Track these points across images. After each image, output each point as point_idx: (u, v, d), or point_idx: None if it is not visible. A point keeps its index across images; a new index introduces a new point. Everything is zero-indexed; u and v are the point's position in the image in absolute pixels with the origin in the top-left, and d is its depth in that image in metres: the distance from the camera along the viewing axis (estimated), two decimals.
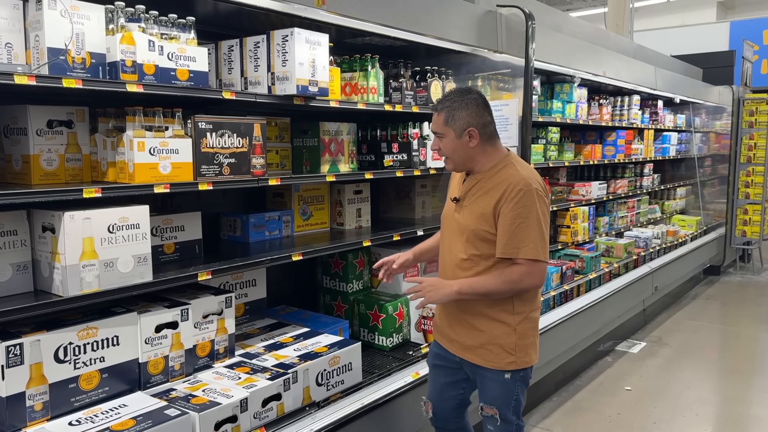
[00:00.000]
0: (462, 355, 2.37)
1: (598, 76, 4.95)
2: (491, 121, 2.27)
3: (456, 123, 2.21)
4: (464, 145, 2.22)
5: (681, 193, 7.98)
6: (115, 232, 2.10)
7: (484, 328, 2.27)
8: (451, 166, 2.32)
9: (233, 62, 2.76)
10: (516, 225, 2.12)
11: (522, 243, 2.13)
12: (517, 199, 2.13)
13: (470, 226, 2.24)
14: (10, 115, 2.20)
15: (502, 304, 2.25)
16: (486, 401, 2.36)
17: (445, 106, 2.23)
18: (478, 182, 2.27)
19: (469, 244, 2.26)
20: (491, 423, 2.36)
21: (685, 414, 4.04)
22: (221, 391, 2.28)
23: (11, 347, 1.91)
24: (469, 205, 2.28)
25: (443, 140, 2.25)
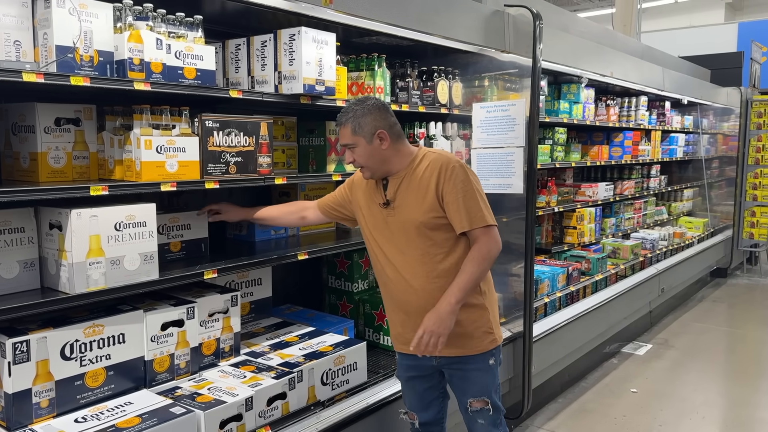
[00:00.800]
0: (440, 353, 2.28)
1: (606, 77, 4.93)
2: (396, 122, 2.31)
3: (364, 129, 2.23)
4: (377, 149, 2.25)
5: (688, 195, 7.94)
6: (122, 230, 2.11)
7: (459, 318, 2.24)
8: (369, 174, 2.31)
9: (240, 61, 2.76)
10: (462, 198, 2.19)
11: (474, 213, 2.20)
12: (454, 176, 2.20)
13: (417, 218, 2.23)
14: (18, 113, 2.21)
15: None
16: (474, 394, 2.34)
17: (349, 117, 2.25)
18: (403, 179, 2.28)
19: (422, 238, 2.25)
20: (482, 416, 2.36)
21: (692, 417, 4.02)
22: (226, 389, 2.28)
23: (18, 344, 1.92)
24: (405, 201, 2.26)
25: (356, 150, 2.26)
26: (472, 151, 3.42)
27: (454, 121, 3.63)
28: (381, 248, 2.35)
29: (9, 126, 2.26)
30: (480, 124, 3.37)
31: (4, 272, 2.02)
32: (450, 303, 2.18)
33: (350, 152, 2.29)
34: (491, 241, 2.23)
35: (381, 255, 2.36)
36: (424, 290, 2.26)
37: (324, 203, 2.64)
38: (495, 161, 3.33)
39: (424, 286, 2.26)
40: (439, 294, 2.24)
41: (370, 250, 2.42)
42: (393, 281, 2.34)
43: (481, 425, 2.38)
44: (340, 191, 2.57)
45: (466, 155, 3.61)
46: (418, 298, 2.27)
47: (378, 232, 2.36)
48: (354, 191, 2.48)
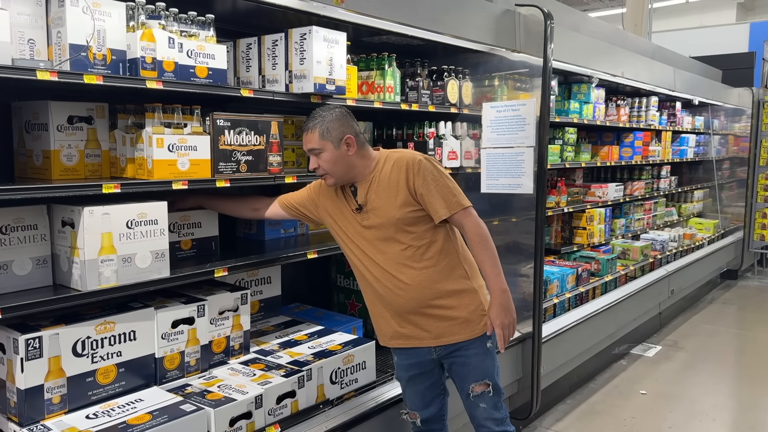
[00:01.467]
0: (438, 343, 2.35)
1: (616, 77, 4.91)
2: (360, 131, 2.36)
3: (332, 134, 2.26)
4: (343, 155, 2.28)
5: (698, 196, 7.89)
6: (134, 228, 2.12)
7: (453, 305, 2.31)
8: (332, 181, 2.33)
9: (251, 60, 2.77)
10: (434, 188, 2.24)
11: (449, 199, 2.25)
12: (422, 169, 2.24)
13: (395, 215, 2.26)
14: (32, 111, 2.22)
15: (456, 273, 2.33)
16: (476, 378, 2.36)
17: (317, 123, 2.27)
18: (371, 182, 2.32)
19: (402, 233, 2.28)
20: (483, 399, 2.38)
21: (701, 419, 3.99)
22: (236, 387, 2.29)
23: (30, 340, 1.93)
24: (379, 202, 2.30)
25: (322, 155, 2.27)
26: (482, 151, 3.41)
27: (464, 121, 3.62)
28: (362, 251, 2.37)
29: (22, 124, 2.27)
30: (490, 123, 3.36)
31: (17, 269, 2.04)
32: (502, 290, 2.26)
33: (315, 158, 2.30)
34: (476, 221, 2.29)
35: (363, 257, 2.37)
36: (414, 282, 2.29)
37: (287, 200, 2.62)
38: (505, 161, 3.32)
39: (413, 278, 2.29)
40: (430, 282, 2.29)
41: (350, 255, 2.43)
42: (380, 280, 2.35)
43: (483, 409, 2.39)
44: (308, 192, 2.56)
45: (475, 155, 3.61)
46: (410, 290, 2.30)
47: (357, 236, 2.37)
48: (321, 197, 2.49)
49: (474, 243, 2.28)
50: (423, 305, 2.32)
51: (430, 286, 2.30)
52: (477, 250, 2.29)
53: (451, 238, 2.36)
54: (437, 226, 2.31)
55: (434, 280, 2.30)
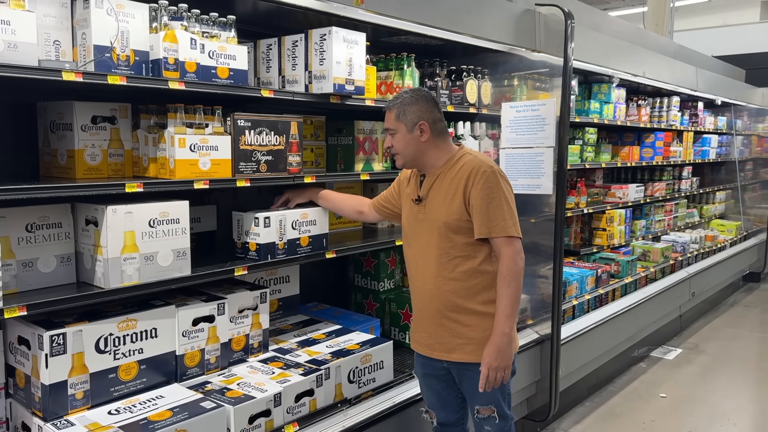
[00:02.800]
0: (449, 358, 2.29)
1: (638, 77, 4.86)
2: (441, 119, 2.32)
3: (407, 117, 2.25)
4: (415, 140, 2.26)
5: (720, 197, 7.78)
6: (156, 227, 2.14)
7: (471, 324, 2.25)
8: (402, 162, 2.33)
9: (271, 61, 2.78)
10: (486, 205, 2.17)
11: (494, 221, 2.18)
12: (483, 181, 2.18)
13: (442, 218, 2.24)
14: (57, 111, 2.26)
15: (484, 295, 2.25)
16: (481, 402, 2.31)
17: (396, 103, 2.28)
18: (437, 177, 2.29)
19: (443, 239, 2.24)
20: (488, 424, 2.34)
21: (722, 423, 3.94)
22: (255, 385, 2.30)
23: (55, 336, 1.96)
24: (435, 200, 2.28)
25: (396, 136, 2.28)
26: (501, 151, 3.40)
27: (483, 121, 3.61)
28: (410, 243, 2.38)
29: (47, 124, 2.31)
30: (509, 123, 3.35)
31: (42, 266, 2.07)
32: (504, 333, 2.17)
33: (390, 137, 2.31)
34: (515, 255, 2.19)
35: (408, 250, 2.39)
36: (437, 290, 2.27)
37: (376, 201, 2.66)
38: (524, 161, 3.30)
39: (438, 286, 2.27)
40: (453, 296, 2.25)
41: (403, 243, 2.46)
42: (413, 278, 2.37)
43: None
44: (391, 187, 2.60)
45: (494, 155, 3.59)
46: (431, 297, 2.29)
47: (409, 227, 2.39)
48: (402, 185, 2.51)
49: (502, 275, 2.20)
50: (441, 315, 2.28)
51: (452, 299, 2.25)
52: (501, 284, 2.20)
53: (492, 260, 2.26)
54: (480, 244, 2.23)
55: (459, 295, 2.24)
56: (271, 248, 2.54)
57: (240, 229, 2.59)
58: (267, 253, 2.53)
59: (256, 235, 2.52)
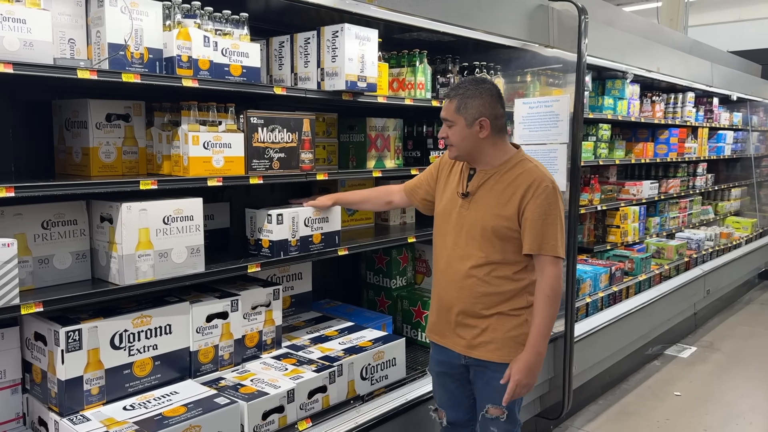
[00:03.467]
0: (469, 354, 2.25)
1: (652, 72, 4.81)
2: (503, 114, 2.22)
3: (468, 111, 2.15)
4: (473, 136, 2.16)
5: (736, 194, 7.69)
6: (170, 224, 2.16)
7: (496, 323, 2.20)
8: (455, 154, 2.24)
9: (284, 58, 2.79)
10: (542, 221, 2.11)
11: (546, 239, 2.11)
12: (544, 196, 2.11)
13: (490, 221, 2.16)
14: (72, 109, 2.28)
15: (514, 301, 2.20)
16: (493, 401, 2.25)
17: (458, 94, 2.17)
18: (491, 176, 2.20)
19: (487, 243, 2.17)
20: (494, 425, 2.27)
21: (738, 422, 3.90)
22: (269, 381, 2.31)
23: (71, 332, 1.98)
24: (484, 200, 2.19)
25: (453, 128, 2.19)
26: None
27: None
28: (443, 235, 2.30)
29: (62, 122, 2.33)
30: (522, 120, 3.33)
31: (57, 263, 2.09)
32: (539, 353, 2.14)
33: (446, 127, 2.21)
34: (558, 275, 2.14)
35: (441, 241, 2.32)
36: (468, 289, 2.22)
37: (409, 186, 2.58)
38: (537, 158, 3.26)
39: (469, 286, 2.21)
40: (481, 298, 2.20)
41: (434, 232, 2.38)
42: (442, 270, 2.30)
43: None
44: (426, 172, 2.52)
45: None
46: (459, 294, 2.24)
47: (446, 218, 2.30)
48: (441, 172, 2.41)
49: (542, 294, 2.13)
50: (466, 313, 2.24)
51: (482, 301, 2.21)
52: (541, 303, 2.13)
53: (527, 271, 2.20)
54: (522, 255, 2.18)
55: (489, 298, 2.20)
56: (284, 245, 2.54)
57: (253, 226, 2.60)
58: (280, 250, 2.53)
59: (269, 232, 2.53)
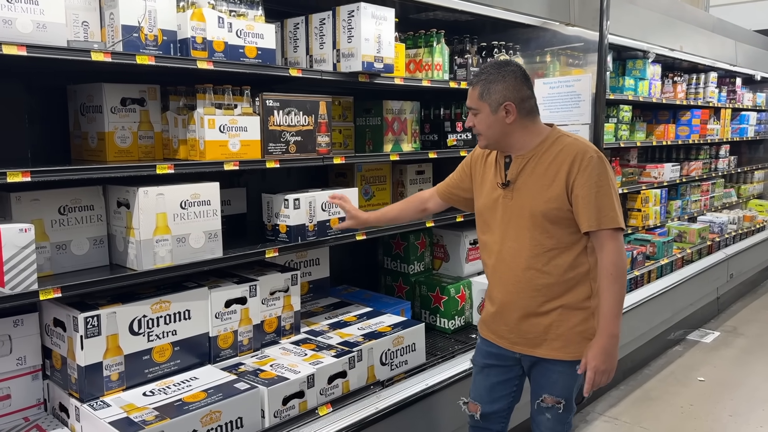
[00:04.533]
0: (530, 352, 2.14)
1: (675, 51, 4.69)
2: (531, 96, 2.09)
3: (491, 97, 2.03)
4: (500, 121, 2.05)
5: (759, 177, 7.53)
6: (187, 208, 2.13)
7: (560, 319, 2.07)
8: (484, 143, 2.12)
9: (299, 40, 2.74)
10: (595, 194, 1.96)
11: (604, 212, 1.96)
12: (591, 167, 1.97)
13: (538, 206, 2.02)
14: (87, 94, 2.25)
15: (578, 290, 2.06)
16: (551, 392, 2.15)
17: (481, 80, 2.05)
18: (529, 160, 2.07)
19: (537, 229, 2.04)
20: (551, 412, 2.18)
21: (764, 408, 3.83)
22: (288, 366, 2.29)
23: (89, 318, 1.97)
24: (528, 186, 2.06)
25: (478, 116, 2.08)
26: None
27: None
28: (490, 231, 2.18)
29: (77, 107, 2.31)
30: (542, 100, 3.26)
31: (75, 249, 2.08)
32: (612, 335, 2.00)
33: (472, 116, 2.11)
34: (620, 249, 1.99)
35: (488, 237, 2.19)
36: (527, 284, 2.08)
37: (442, 188, 2.45)
38: None
39: (529, 280, 2.08)
40: (546, 291, 2.06)
41: (479, 228, 2.25)
42: (495, 268, 2.17)
43: (547, 419, 2.20)
44: (458, 170, 2.39)
45: None
46: (518, 290, 2.10)
47: (489, 213, 2.17)
48: (474, 166, 2.30)
49: (605, 272, 1.98)
50: (528, 310, 2.11)
51: (544, 294, 2.07)
52: (605, 282, 1.99)
53: (588, 251, 2.06)
54: (578, 236, 2.04)
55: (552, 290, 2.06)
56: (301, 230, 2.51)
57: (270, 211, 2.57)
58: (297, 235, 2.50)
59: (286, 217, 2.50)
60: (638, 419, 3.68)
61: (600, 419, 3.69)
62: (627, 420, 3.67)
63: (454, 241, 3.43)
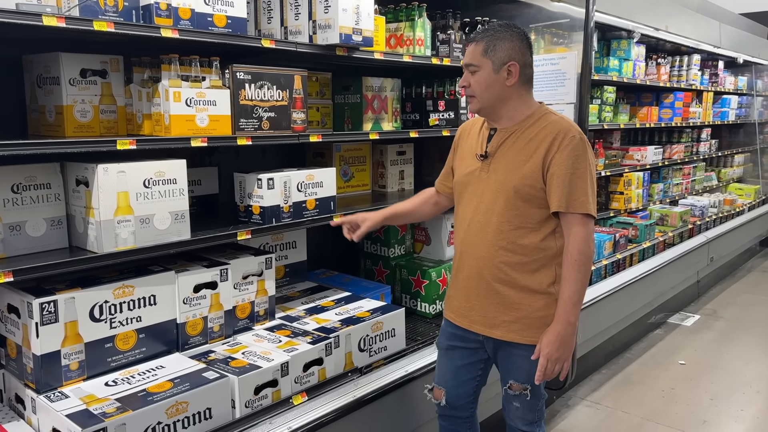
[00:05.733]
0: (490, 333, 2.07)
1: (660, 31, 4.61)
2: (532, 63, 2.01)
3: (497, 54, 1.93)
4: (500, 82, 1.95)
5: (739, 161, 7.56)
6: (151, 187, 2.00)
7: (521, 301, 2.01)
8: (477, 106, 2.02)
9: (273, 11, 2.60)
10: (570, 175, 1.90)
11: (575, 195, 1.91)
12: (570, 148, 1.91)
13: (511, 181, 1.96)
14: (43, 64, 2.10)
15: (543, 274, 2.00)
16: (516, 378, 2.09)
17: (487, 35, 1.95)
18: (511, 134, 2.00)
19: (508, 205, 1.97)
20: (518, 400, 2.12)
21: (745, 391, 3.82)
22: (261, 354, 2.19)
23: (45, 304, 1.84)
24: (505, 159, 1.99)
25: (477, 74, 1.96)
26: None
27: None
28: (464, 203, 2.11)
29: (34, 78, 2.15)
30: None
31: (30, 230, 1.94)
32: (570, 323, 1.94)
33: (468, 74, 1.99)
34: (588, 236, 1.93)
35: (461, 210, 2.12)
36: (491, 260, 2.02)
37: (440, 184, 2.36)
38: None
39: (492, 256, 2.01)
40: (506, 269, 1.99)
41: (455, 202, 2.18)
42: (462, 241, 2.10)
43: (516, 408, 2.13)
44: (448, 158, 2.30)
45: None
46: (481, 266, 2.04)
47: (465, 185, 2.10)
48: (460, 141, 2.21)
49: (570, 258, 1.93)
50: (489, 287, 2.04)
51: (507, 273, 2.01)
52: (568, 267, 1.93)
53: (555, 236, 2.00)
54: (549, 217, 1.98)
55: (515, 269, 2.00)
56: (276, 211, 2.40)
57: (242, 192, 2.45)
58: (271, 217, 2.38)
59: (260, 197, 2.37)
60: (620, 403, 3.65)
61: (582, 404, 3.65)
62: (609, 404, 3.64)
63: (436, 224, 3.33)
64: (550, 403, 3.64)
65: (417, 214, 2.44)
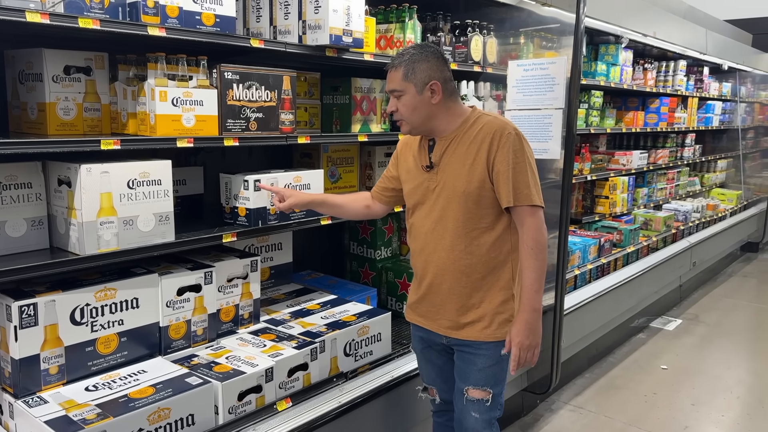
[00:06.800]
0: (457, 335, 2.10)
1: (648, 37, 4.64)
2: (452, 78, 2.07)
3: (416, 76, 1.97)
4: (425, 102, 2.00)
5: (722, 166, 7.64)
6: (135, 188, 1.96)
7: (481, 300, 2.06)
8: (408, 128, 2.06)
9: (262, 9, 2.56)
10: (511, 170, 1.96)
11: (519, 189, 1.97)
12: (509, 144, 1.96)
13: (460, 186, 2.00)
14: (26, 60, 2.05)
15: (500, 271, 2.06)
16: (476, 383, 2.09)
17: (404, 60, 1.99)
18: (451, 141, 2.04)
19: (461, 209, 2.01)
20: (477, 408, 2.10)
21: (725, 396, 3.86)
22: (245, 359, 2.16)
23: (25, 307, 1.79)
24: (451, 167, 2.03)
25: (402, 98, 2.00)
26: (507, 113, 3.21)
27: (487, 81, 3.41)
28: (417, 214, 2.14)
29: (16, 74, 2.10)
30: (516, 83, 3.15)
31: (10, 230, 1.89)
32: (535, 309, 1.99)
33: (395, 100, 2.03)
34: (540, 225, 1.99)
35: (416, 220, 2.15)
36: (451, 264, 2.05)
37: (375, 192, 2.37)
38: (531, 124, 3.11)
39: (453, 260, 2.05)
40: (466, 271, 2.03)
41: (408, 212, 2.21)
42: (421, 249, 2.14)
43: (475, 419, 2.11)
44: (387, 168, 2.33)
45: None
46: (442, 271, 2.07)
47: (415, 196, 2.13)
48: (400, 156, 2.24)
49: (526, 247, 1.99)
50: (451, 291, 2.08)
51: (467, 274, 2.05)
52: (526, 257, 1.99)
53: (511, 232, 2.06)
54: (501, 214, 2.03)
55: (475, 270, 2.04)
56: (262, 213, 2.36)
57: (228, 193, 2.41)
58: (257, 219, 2.35)
59: (246, 199, 2.34)
60: (603, 408, 3.66)
61: (565, 408, 3.66)
62: (592, 409, 3.65)
63: None
64: (533, 408, 3.65)
65: (346, 210, 2.43)
